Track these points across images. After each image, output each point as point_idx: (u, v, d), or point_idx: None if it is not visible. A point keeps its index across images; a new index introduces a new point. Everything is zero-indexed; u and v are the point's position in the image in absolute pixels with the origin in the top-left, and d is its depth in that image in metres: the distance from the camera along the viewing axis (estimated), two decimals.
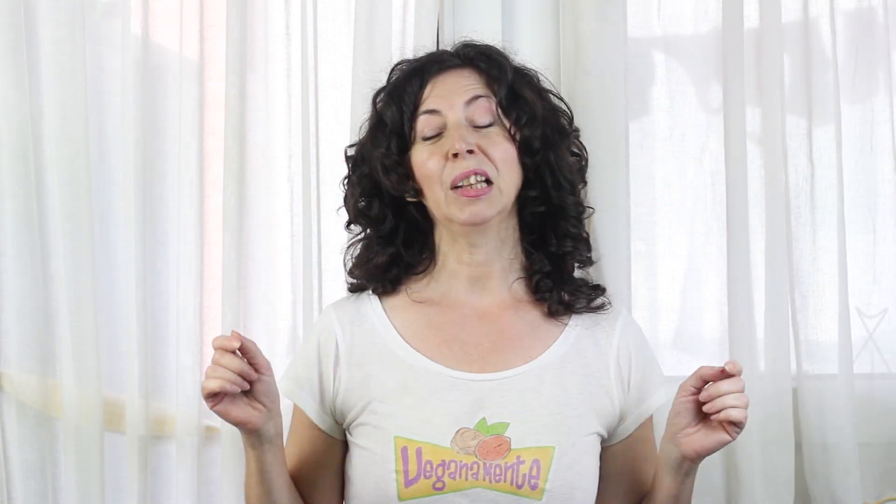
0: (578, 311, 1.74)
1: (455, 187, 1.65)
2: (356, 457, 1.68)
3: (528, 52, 2.17)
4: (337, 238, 1.90)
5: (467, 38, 1.77)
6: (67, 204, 2.11)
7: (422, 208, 1.73)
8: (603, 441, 1.72)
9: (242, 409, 1.59)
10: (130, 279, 2.12)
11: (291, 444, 1.75)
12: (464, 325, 1.71)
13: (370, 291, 1.77)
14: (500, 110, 1.68)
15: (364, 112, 1.83)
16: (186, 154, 2.16)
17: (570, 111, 1.78)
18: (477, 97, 1.68)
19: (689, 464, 1.63)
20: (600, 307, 1.75)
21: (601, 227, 2.19)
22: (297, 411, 1.75)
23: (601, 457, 1.71)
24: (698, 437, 1.61)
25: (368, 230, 1.77)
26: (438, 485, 1.61)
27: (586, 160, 1.79)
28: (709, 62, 2.23)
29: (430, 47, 2.09)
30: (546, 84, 1.78)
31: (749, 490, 2.15)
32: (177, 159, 2.16)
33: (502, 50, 1.76)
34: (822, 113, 2.18)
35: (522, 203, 1.72)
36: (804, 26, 2.19)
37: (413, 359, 1.69)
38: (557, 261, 1.74)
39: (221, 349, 1.56)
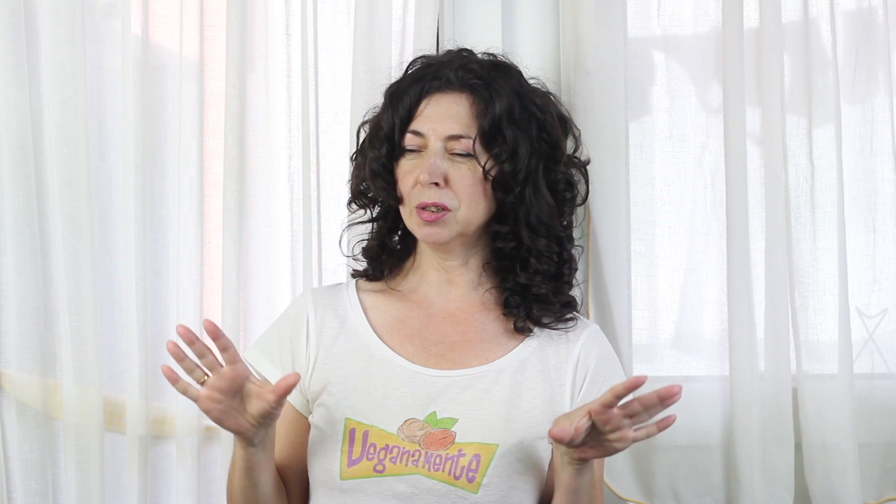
0: (545, 326, 1.76)
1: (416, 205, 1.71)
2: (312, 436, 1.73)
3: (528, 52, 2.18)
4: (337, 238, 1.90)
5: (484, 53, 1.79)
6: (67, 204, 2.11)
7: None
8: None
9: (235, 420, 1.61)
10: (130, 279, 2.12)
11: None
12: (429, 324, 1.76)
13: (349, 281, 1.83)
14: (477, 146, 1.71)
15: (364, 111, 1.85)
16: (186, 154, 2.16)
17: (578, 135, 1.81)
18: (458, 137, 1.71)
19: (577, 464, 1.59)
20: (568, 323, 1.77)
21: (601, 227, 2.19)
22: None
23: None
24: (588, 448, 1.56)
25: (366, 211, 1.83)
26: (379, 467, 1.65)
27: (579, 189, 1.81)
28: (709, 62, 2.22)
29: (429, 48, 2.09)
30: (553, 107, 1.79)
31: (749, 490, 2.16)
32: (177, 159, 2.16)
33: (511, 65, 1.78)
34: (822, 113, 2.18)
35: (494, 234, 1.75)
36: (804, 26, 2.19)
37: (377, 348, 1.73)
38: (528, 285, 1.76)
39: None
